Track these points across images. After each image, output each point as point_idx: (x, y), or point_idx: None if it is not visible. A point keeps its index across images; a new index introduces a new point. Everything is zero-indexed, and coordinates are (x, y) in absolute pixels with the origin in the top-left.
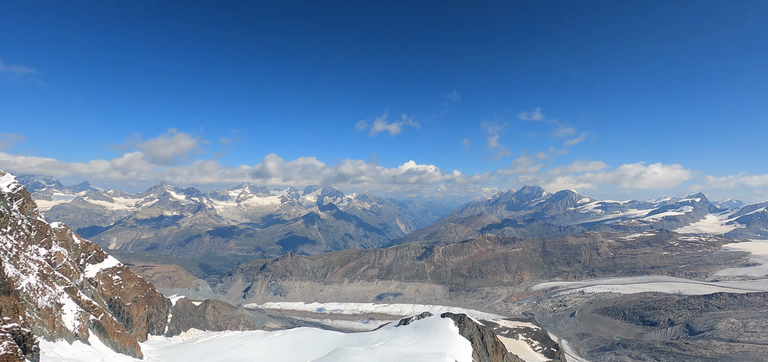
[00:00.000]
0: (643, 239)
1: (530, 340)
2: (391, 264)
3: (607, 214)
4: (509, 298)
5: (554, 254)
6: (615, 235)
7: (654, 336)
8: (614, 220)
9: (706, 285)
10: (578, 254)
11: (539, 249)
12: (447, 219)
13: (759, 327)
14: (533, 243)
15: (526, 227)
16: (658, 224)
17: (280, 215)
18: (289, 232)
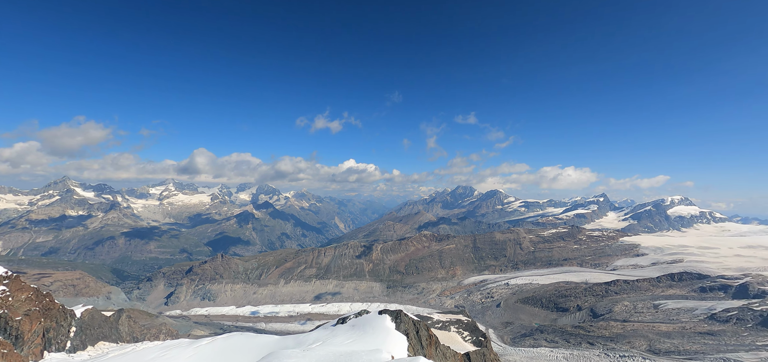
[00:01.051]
0: (558, 235)
1: (461, 331)
2: (330, 263)
3: (529, 212)
4: (443, 292)
5: (484, 250)
6: (535, 231)
7: (565, 320)
8: (535, 217)
9: (606, 274)
10: (504, 249)
11: (471, 245)
12: (386, 218)
13: (645, 308)
14: (465, 240)
15: (459, 224)
16: (570, 221)
17: (209, 214)
18: (220, 232)
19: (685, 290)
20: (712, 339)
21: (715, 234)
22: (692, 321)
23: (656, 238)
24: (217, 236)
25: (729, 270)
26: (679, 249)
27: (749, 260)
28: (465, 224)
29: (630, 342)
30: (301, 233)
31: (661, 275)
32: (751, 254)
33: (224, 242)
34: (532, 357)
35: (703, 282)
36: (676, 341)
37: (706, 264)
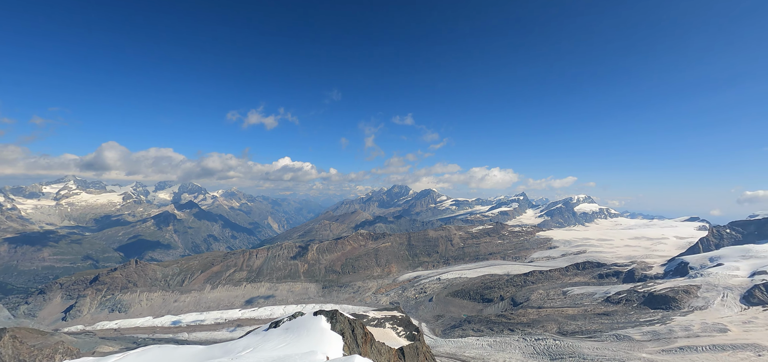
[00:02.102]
0: (484, 231)
1: (396, 327)
2: (262, 266)
3: (459, 210)
4: (379, 290)
5: (418, 247)
6: (464, 228)
7: (490, 310)
8: (465, 215)
9: (525, 266)
10: (437, 245)
11: (405, 243)
12: (322, 217)
13: (556, 295)
14: (400, 238)
15: (395, 223)
16: (495, 218)
17: (121, 215)
18: (135, 236)
19: (588, 277)
20: (607, 319)
21: (611, 228)
22: (592, 304)
23: (565, 232)
24: (130, 240)
25: (620, 259)
26: (583, 242)
27: (635, 249)
28: (400, 222)
29: (543, 326)
30: (231, 234)
31: (569, 265)
32: (636, 244)
33: (139, 247)
34: (460, 347)
35: (601, 269)
36: (580, 322)
37: (603, 254)
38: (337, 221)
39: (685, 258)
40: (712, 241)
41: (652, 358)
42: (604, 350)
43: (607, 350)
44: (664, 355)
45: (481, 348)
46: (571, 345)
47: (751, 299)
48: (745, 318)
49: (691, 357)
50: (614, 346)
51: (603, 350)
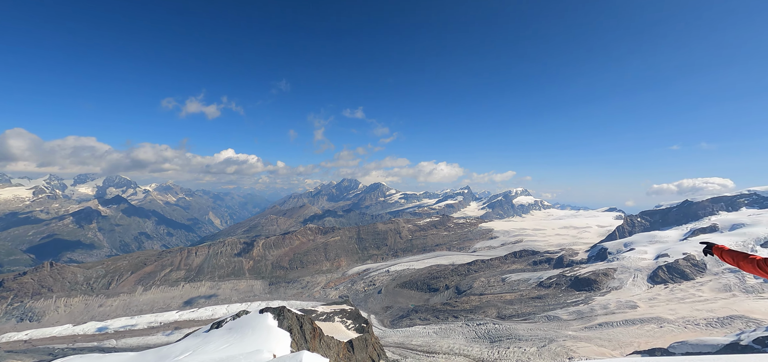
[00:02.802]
0: (431, 223)
1: (345, 320)
2: (203, 264)
3: (408, 203)
4: (328, 284)
5: (367, 240)
6: (413, 220)
7: (436, 299)
8: (413, 208)
9: (469, 255)
10: (386, 238)
11: (355, 236)
12: (269, 211)
13: (496, 282)
14: (350, 231)
15: (344, 216)
16: (442, 211)
17: (31, 212)
18: (49, 235)
19: (524, 264)
20: (540, 302)
21: (544, 218)
22: (527, 289)
23: (505, 223)
24: (43, 240)
25: (552, 247)
26: (520, 232)
27: (564, 237)
28: (350, 216)
29: (484, 311)
30: (166, 231)
31: (508, 253)
32: (565, 233)
33: (55, 248)
34: (408, 336)
35: (535, 257)
36: (517, 306)
37: (537, 243)
38: (284, 215)
39: (604, 245)
40: (626, 229)
41: (577, 335)
42: (536, 330)
43: (539, 330)
44: (586, 332)
45: (428, 336)
46: (509, 328)
47: (656, 278)
48: (650, 295)
49: (608, 331)
50: (545, 326)
51: (536, 330)
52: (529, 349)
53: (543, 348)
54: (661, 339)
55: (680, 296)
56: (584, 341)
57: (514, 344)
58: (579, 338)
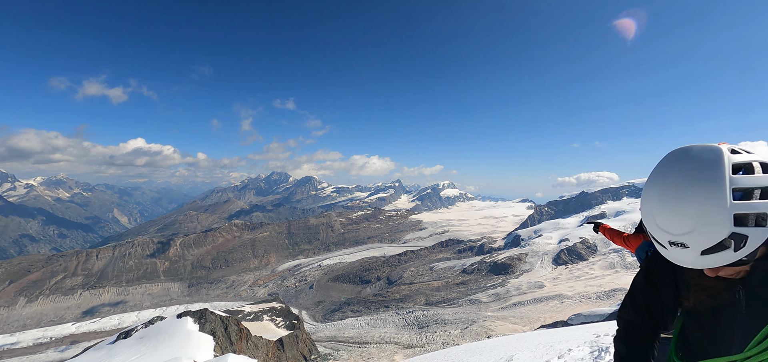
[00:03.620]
0: (364, 216)
1: (275, 318)
2: (107, 268)
3: (340, 197)
4: (256, 282)
5: (298, 235)
6: (345, 214)
7: (368, 291)
8: (345, 201)
9: (400, 247)
10: (318, 232)
11: (285, 231)
12: (188, 207)
13: (425, 271)
14: (280, 226)
15: (274, 211)
16: (374, 204)
17: None
18: None
19: (450, 253)
20: (463, 287)
21: (468, 210)
22: (453, 276)
23: (433, 215)
24: None
25: (474, 236)
26: (447, 222)
27: (485, 227)
28: (280, 210)
29: (414, 299)
30: (58, 232)
31: (435, 243)
32: (486, 223)
33: None
34: (340, 329)
35: (460, 245)
36: (443, 292)
37: (461, 232)
38: (206, 211)
39: (518, 232)
40: (536, 217)
41: (495, 315)
42: (460, 314)
43: (462, 313)
44: (503, 311)
45: (360, 328)
46: (436, 313)
47: (559, 260)
48: (554, 275)
49: (520, 310)
50: (468, 309)
51: (459, 314)
52: (454, 331)
53: (465, 329)
54: (562, 312)
55: (577, 275)
56: (501, 320)
57: (440, 328)
58: (496, 317)
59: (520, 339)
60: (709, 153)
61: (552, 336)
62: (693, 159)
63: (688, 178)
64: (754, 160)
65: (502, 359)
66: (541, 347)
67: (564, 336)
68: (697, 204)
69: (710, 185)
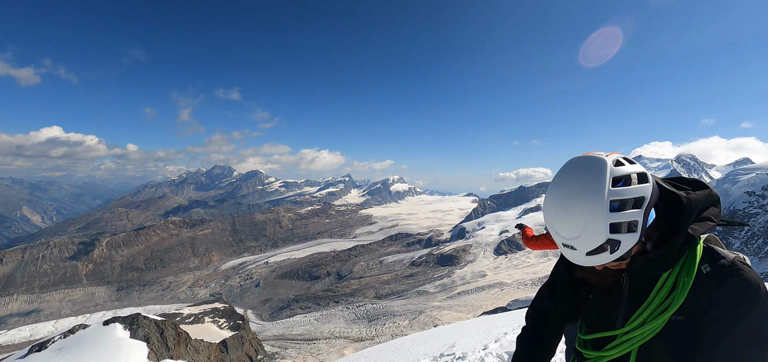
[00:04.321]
0: (313, 212)
1: (217, 320)
2: (14, 273)
3: (288, 192)
4: (196, 283)
5: (243, 232)
6: (294, 209)
7: (318, 286)
8: (294, 196)
9: (350, 241)
10: (264, 229)
11: (229, 228)
12: (116, 204)
13: (374, 265)
14: (223, 223)
15: (217, 207)
16: (324, 198)
17: None
18: None
19: (399, 246)
20: (412, 279)
21: (416, 204)
22: (402, 268)
23: (383, 209)
24: None
25: (423, 229)
26: (396, 216)
27: (433, 220)
28: (224, 206)
29: (364, 293)
30: None
31: (385, 237)
32: (434, 216)
33: None
34: (288, 327)
35: (409, 239)
36: (392, 285)
37: (410, 226)
38: (138, 208)
39: (463, 225)
40: (480, 210)
41: (441, 305)
42: (408, 305)
43: (411, 304)
44: (449, 301)
45: (309, 324)
46: (385, 306)
47: (499, 250)
48: (495, 264)
49: (465, 299)
50: (416, 300)
51: (408, 305)
52: (402, 323)
53: (414, 320)
54: (502, 299)
55: (516, 264)
56: (447, 309)
57: (389, 320)
58: (443, 307)
59: (463, 326)
60: (595, 165)
61: (491, 322)
62: (582, 170)
63: (576, 189)
64: (632, 172)
65: (446, 346)
66: (481, 332)
67: (502, 321)
68: (581, 215)
69: (592, 198)
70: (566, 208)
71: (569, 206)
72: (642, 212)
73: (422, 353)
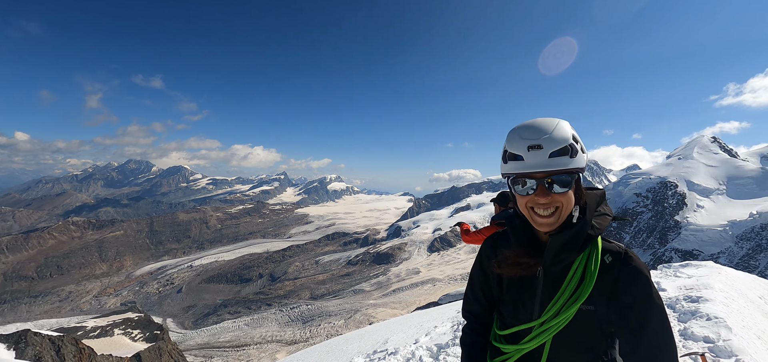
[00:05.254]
0: (245, 211)
1: (130, 331)
2: None
3: (217, 189)
4: (104, 291)
5: (164, 233)
6: (223, 208)
7: (249, 289)
8: (224, 195)
9: (284, 242)
10: (189, 229)
11: (146, 229)
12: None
13: (310, 265)
14: (139, 224)
15: (131, 206)
16: (257, 197)
17: None
18: None
19: (335, 245)
20: (348, 278)
21: (354, 203)
22: (338, 268)
23: (320, 208)
24: None
25: (359, 228)
26: (333, 215)
27: (370, 219)
28: (140, 205)
29: (298, 294)
30: None
31: (321, 237)
32: (371, 215)
33: None
34: (214, 334)
35: (346, 238)
36: (328, 285)
37: (347, 225)
38: (28, 206)
39: (399, 223)
40: (415, 209)
41: (377, 302)
42: (344, 304)
43: (347, 303)
44: (384, 298)
45: (238, 330)
46: (321, 306)
47: (433, 248)
48: (429, 261)
49: (400, 295)
50: (352, 299)
51: (344, 304)
52: (338, 322)
53: (349, 318)
54: (434, 294)
55: (447, 260)
56: (382, 306)
57: (325, 320)
58: (378, 304)
59: (397, 322)
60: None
61: (423, 317)
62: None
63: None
64: None
65: (379, 342)
66: (413, 327)
67: (433, 316)
68: (553, 122)
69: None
70: (540, 120)
71: (543, 119)
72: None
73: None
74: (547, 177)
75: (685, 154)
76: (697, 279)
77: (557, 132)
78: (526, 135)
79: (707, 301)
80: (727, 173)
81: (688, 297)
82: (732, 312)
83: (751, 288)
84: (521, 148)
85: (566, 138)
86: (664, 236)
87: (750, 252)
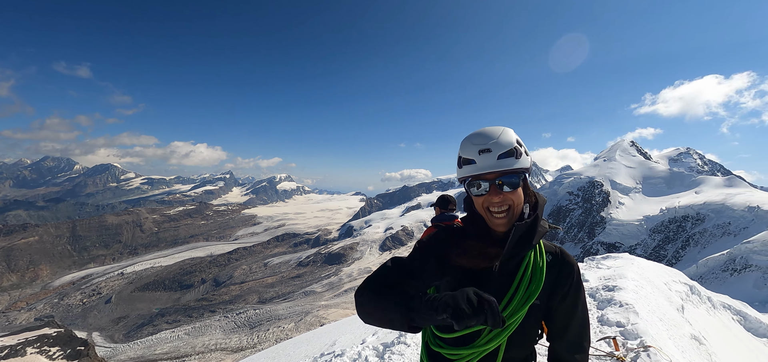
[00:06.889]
0: (185, 212)
1: (47, 349)
2: None
3: (153, 190)
4: (15, 305)
5: (89, 238)
6: (160, 210)
7: (190, 296)
8: (161, 195)
9: (230, 244)
10: (119, 233)
11: (67, 234)
12: None
13: (258, 268)
14: (58, 228)
15: (49, 208)
16: (199, 197)
17: None
18: None
19: (285, 247)
20: (300, 280)
21: (305, 203)
22: (288, 270)
23: (269, 208)
24: None
25: (310, 228)
26: (283, 216)
27: (321, 219)
28: (59, 208)
29: (245, 299)
30: None
31: (271, 238)
32: (322, 215)
33: None
34: (149, 346)
35: (296, 239)
36: (278, 288)
37: (298, 225)
38: None
39: (351, 223)
40: (367, 209)
41: (328, 303)
42: (295, 307)
43: (297, 306)
44: (336, 299)
45: (177, 340)
46: (269, 310)
47: (385, 247)
48: (380, 261)
49: (351, 295)
50: (303, 301)
51: (294, 307)
52: (288, 326)
53: (300, 321)
54: None
55: None
56: (334, 307)
57: (274, 324)
58: (330, 306)
59: (346, 322)
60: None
61: None
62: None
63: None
64: None
65: (327, 344)
66: (361, 327)
67: None
68: (498, 130)
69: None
70: (489, 128)
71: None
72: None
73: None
74: (497, 178)
75: (609, 156)
76: (615, 269)
77: (503, 137)
78: (477, 141)
79: (621, 289)
80: (643, 173)
81: (606, 287)
82: (640, 298)
83: (658, 275)
84: (473, 152)
85: (511, 142)
86: (592, 230)
87: (660, 243)
